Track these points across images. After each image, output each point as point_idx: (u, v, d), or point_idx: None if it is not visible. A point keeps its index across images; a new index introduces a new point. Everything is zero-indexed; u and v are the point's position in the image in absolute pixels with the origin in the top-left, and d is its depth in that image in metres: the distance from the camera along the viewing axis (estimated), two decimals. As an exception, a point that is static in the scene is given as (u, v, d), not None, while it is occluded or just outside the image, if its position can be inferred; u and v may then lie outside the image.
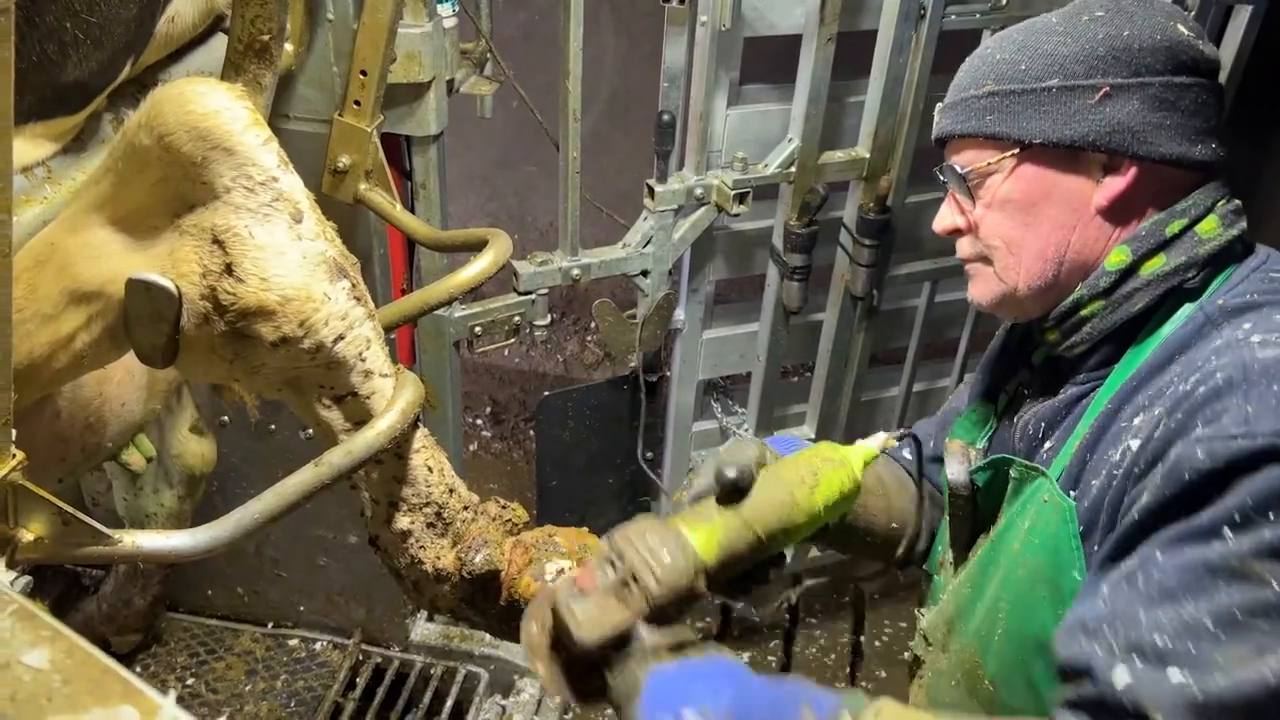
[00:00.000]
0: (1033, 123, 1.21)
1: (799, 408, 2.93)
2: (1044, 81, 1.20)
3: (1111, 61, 1.18)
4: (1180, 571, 0.98)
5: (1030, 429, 1.32)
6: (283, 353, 0.99)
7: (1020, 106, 1.21)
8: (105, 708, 0.49)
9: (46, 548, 0.94)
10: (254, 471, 2.40)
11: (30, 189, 1.15)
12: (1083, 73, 1.18)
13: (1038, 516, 1.21)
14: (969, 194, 1.29)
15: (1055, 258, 1.23)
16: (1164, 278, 1.18)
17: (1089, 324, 1.22)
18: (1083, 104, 1.18)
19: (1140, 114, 1.17)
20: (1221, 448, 0.97)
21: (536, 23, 3.76)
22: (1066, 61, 1.19)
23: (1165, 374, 1.12)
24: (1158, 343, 1.17)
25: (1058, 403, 1.29)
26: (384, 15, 1.67)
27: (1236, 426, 0.98)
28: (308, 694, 2.57)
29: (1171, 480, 1.00)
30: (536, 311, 2.35)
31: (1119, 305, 1.20)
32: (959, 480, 1.35)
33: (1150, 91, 1.17)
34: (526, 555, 1.20)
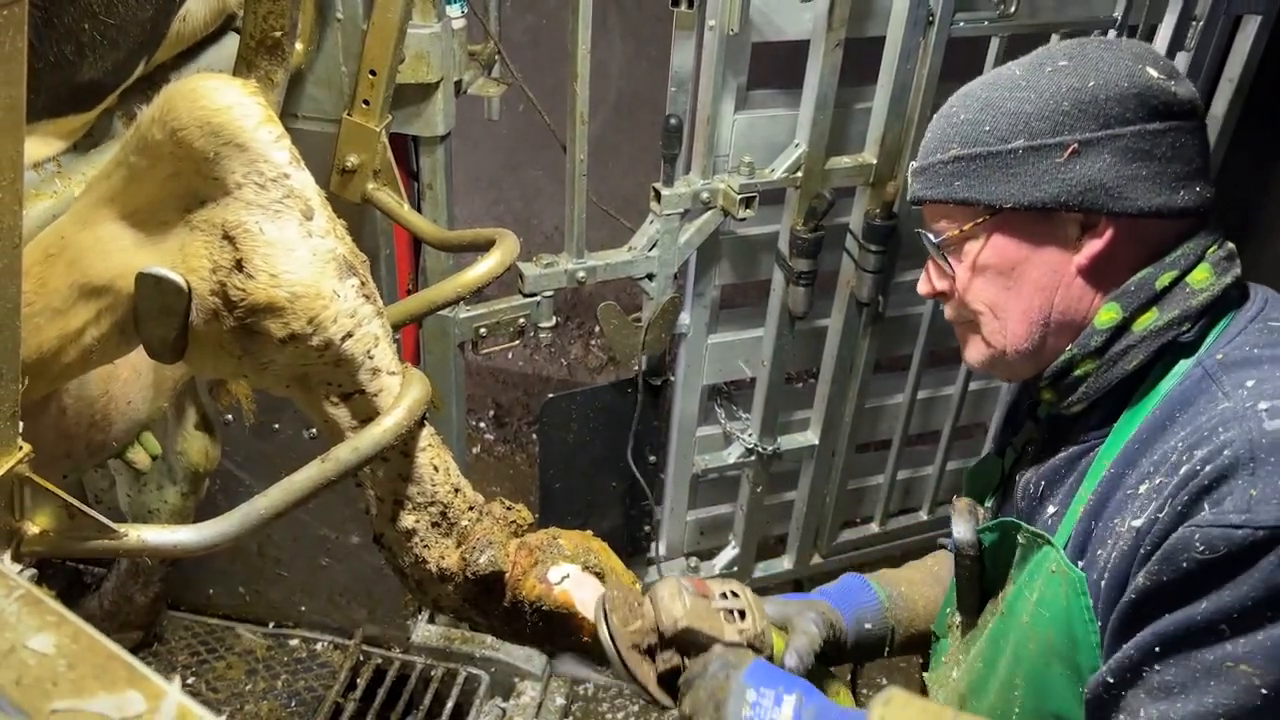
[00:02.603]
0: (1001, 187, 1.16)
1: (803, 414, 2.93)
2: (1009, 143, 1.16)
3: (1078, 116, 1.13)
4: (1179, 669, 0.98)
5: (1031, 488, 1.28)
6: (291, 349, 0.99)
7: (987, 170, 1.17)
8: (111, 693, 0.49)
9: (52, 541, 0.94)
10: (257, 470, 2.40)
11: (40, 183, 1.16)
12: (1048, 130, 1.14)
13: (1046, 588, 1.17)
14: (946, 260, 1.26)
15: (1040, 320, 1.20)
16: (1158, 333, 1.14)
17: (1084, 384, 1.19)
18: (1051, 164, 1.14)
19: (1113, 168, 1.12)
20: (1221, 538, 0.95)
21: (544, 27, 3.77)
22: (1031, 119, 1.15)
23: (1168, 436, 1.08)
24: (1157, 400, 1.13)
25: (1058, 461, 1.25)
26: (393, 15, 1.68)
27: (1238, 514, 0.95)
28: (308, 694, 2.57)
29: (1170, 566, 0.99)
30: (541, 313, 2.35)
31: (1113, 364, 1.16)
32: (964, 540, 1.31)
33: (1122, 143, 1.12)
34: (531, 557, 1.20)
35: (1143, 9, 2.44)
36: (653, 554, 2.98)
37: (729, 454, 2.84)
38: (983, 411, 3.15)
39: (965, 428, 3.16)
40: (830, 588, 1.55)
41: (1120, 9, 2.44)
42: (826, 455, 2.91)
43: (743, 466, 2.85)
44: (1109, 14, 2.46)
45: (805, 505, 2.99)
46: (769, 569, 3.11)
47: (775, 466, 2.87)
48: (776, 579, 3.15)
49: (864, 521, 3.24)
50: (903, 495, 3.21)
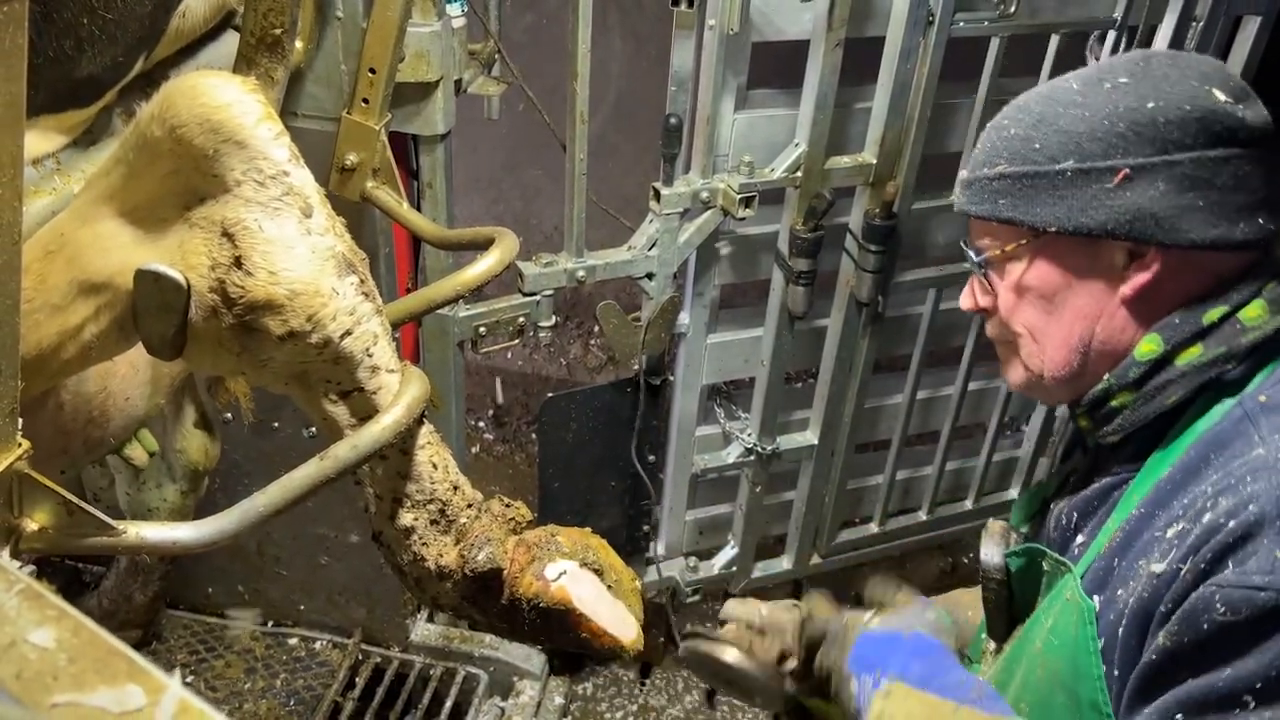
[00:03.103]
0: (1047, 209, 1.12)
1: (802, 413, 2.93)
2: (1058, 163, 1.10)
3: (1133, 139, 1.07)
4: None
5: (1063, 519, 1.25)
6: (290, 347, 0.99)
7: (1033, 190, 1.12)
8: (111, 687, 0.49)
9: (51, 538, 0.94)
10: (256, 469, 2.40)
11: (39, 180, 1.16)
12: (1100, 152, 1.08)
13: (1060, 615, 1.15)
14: (987, 277, 1.23)
15: (1080, 346, 1.16)
16: (1200, 369, 1.09)
17: (1120, 415, 1.15)
18: (1100, 188, 1.08)
19: (1166, 197, 1.06)
20: (1243, 600, 0.91)
21: (544, 26, 3.77)
22: (1083, 140, 1.09)
23: (1200, 479, 1.04)
24: (1193, 439, 1.08)
25: (1090, 493, 1.21)
26: (393, 13, 1.67)
27: (1262, 575, 0.91)
28: (307, 693, 2.57)
29: (1190, 627, 0.95)
30: (541, 313, 2.35)
31: (1151, 398, 1.12)
32: (991, 563, 1.29)
33: (1179, 170, 1.06)
34: (529, 554, 1.20)
35: (1143, 9, 2.44)
36: (651, 553, 2.98)
37: (728, 454, 2.84)
38: (982, 411, 3.15)
39: (965, 428, 3.16)
40: None
41: (1120, 9, 2.44)
42: (826, 455, 2.91)
43: (742, 466, 2.86)
44: (1109, 14, 2.46)
45: (804, 505, 3.00)
46: (768, 569, 3.11)
47: (774, 466, 2.87)
48: (775, 579, 3.15)
49: (863, 521, 3.24)
50: (902, 495, 3.21)
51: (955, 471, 3.20)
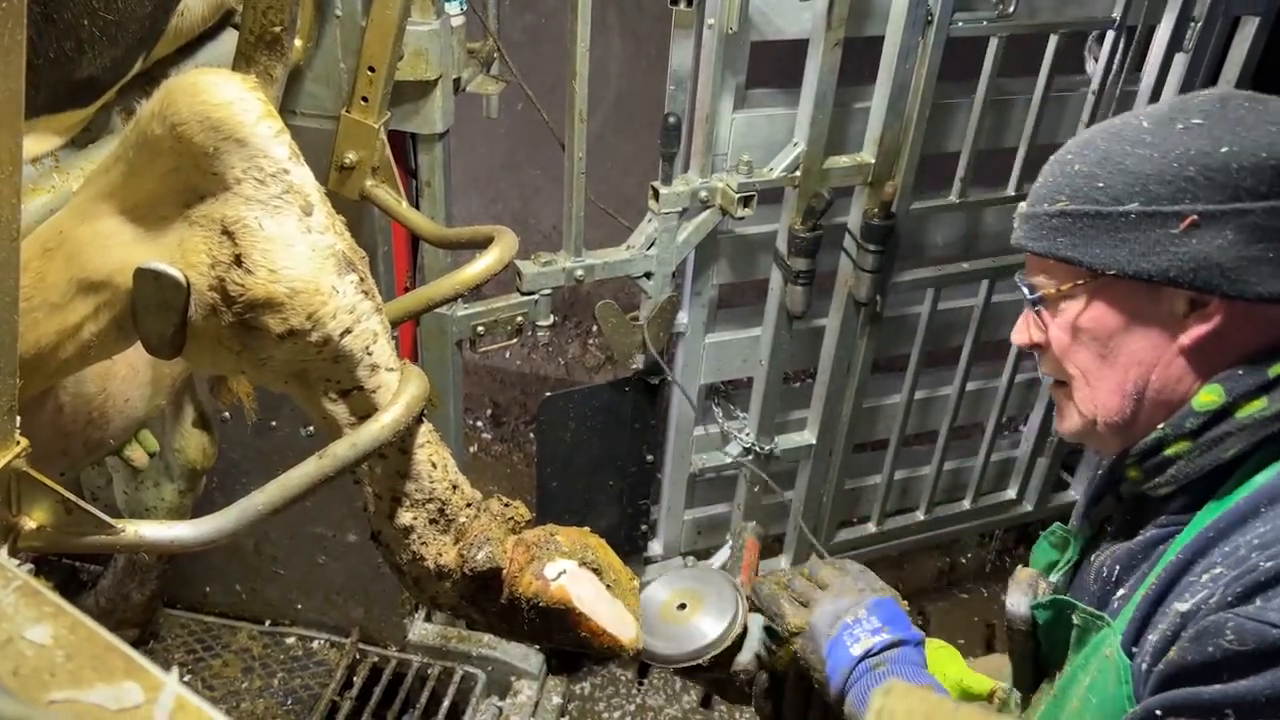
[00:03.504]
0: (1108, 251, 1.07)
1: (800, 413, 2.93)
2: (1122, 204, 1.06)
3: (1203, 184, 1.02)
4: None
5: (1105, 571, 1.20)
6: (290, 345, 0.99)
7: (1095, 231, 1.08)
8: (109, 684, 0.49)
9: (49, 536, 0.94)
10: (254, 468, 2.40)
11: (38, 178, 1.15)
12: (1167, 196, 1.03)
13: (1099, 673, 1.11)
14: (1040, 314, 1.19)
15: (1134, 394, 1.12)
16: (1263, 423, 1.04)
17: (1174, 466, 1.10)
18: (1164, 234, 1.04)
19: (1234, 247, 1.01)
20: (1254, 632, 0.90)
21: (542, 26, 3.77)
22: (1150, 182, 1.05)
23: (1246, 530, 1.01)
24: (1246, 492, 1.05)
25: (1135, 545, 1.16)
26: (392, 12, 1.67)
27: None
28: (304, 692, 2.57)
29: (1197, 647, 0.94)
30: (539, 312, 2.35)
31: (1207, 449, 1.07)
32: (1017, 614, 1.23)
33: (1250, 219, 1.01)
34: (528, 553, 1.20)
35: (1141, 10, 2.44)
36: (650, 553, 2.98)
37: (726, 453, 2.84)
38: (979, 412, 3.15)
39: (962, 428, 3.16)
40: None
41: (1119, 10, 2.45)
42: (824, 455, 2.91)
43: (740, 465, 2.86)
44: (1107, 14, 2.46)
45: (802, 505, 2.99)
46: (766, 569, 3.11)
47: (772, 466, 2.87)
48: (773, 578, 3.15)
49: (861, 521, 3.24)
50: (900, 495, 3.21)
51: (953, 471, 3.20)
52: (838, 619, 1.29)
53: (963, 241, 2.80)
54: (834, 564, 1.40)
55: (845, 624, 1.28)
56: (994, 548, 3.60)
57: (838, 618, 1.29)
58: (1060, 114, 2.68)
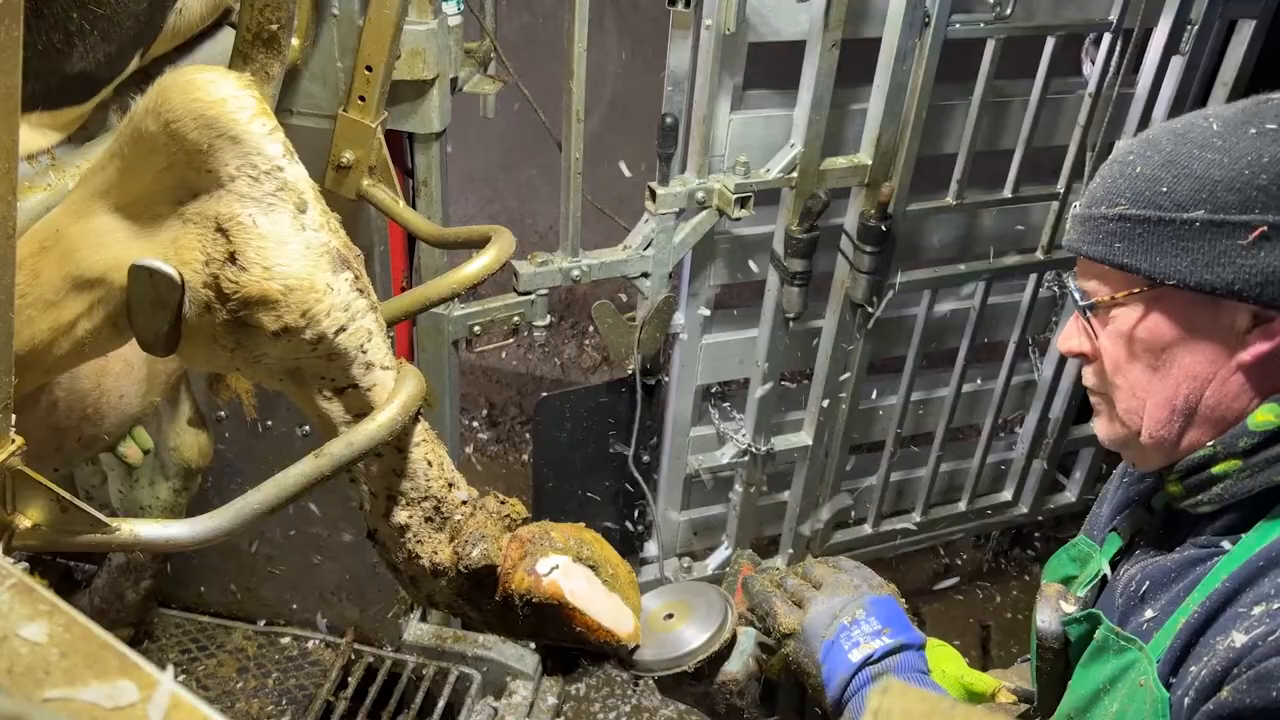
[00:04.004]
0: (1168, 259, 1.02)
1: (796, 414, 2.93)
2: (1187, 211, 1.00)
3: (1275, 194, 0.96)
4: None
5: (1134, 586, 1.14)
6: (284, 343, 0.99)
7: (1155, 238, 1.02)
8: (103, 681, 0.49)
9: (44, 535, 0.93)
10: (250, 467, 2.39)
11: (34, 175, 1.15)
12: (1236, 205, 0.98)
13: (1129, 701, 1.05)
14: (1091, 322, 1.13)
15: (1184, 409, 1.07)
16: None
17: (1220, 484, 1.05)
18: (1231, 244, 0.98)
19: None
20: None
21: (539, 26, 3.77)
22: (1218, 189, 0.99)
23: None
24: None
25: (1169, 563, 1.11)
26: (390, 11, 1.67)
27: None
28: (299, 692, 2.56)
29: (1258, 689, 0.89)
30: (536, 312, 2.35)
31: (1259, 471, 1.02)
32: (1049, 631, 1.17)
33: None
34: (522, 550, 1.20)
35: (1138, 13, 2.44)
36: (645, 554, 2.98)
37: (722, 454, 2.84)
38: (976, 414, 3.16)
39: (959, 430, 3.16)
40: None
41: (1115, 12, 2.45)
42: (820, 456, 2.92)
43: (736, 467, 2.85)
44: (1104, 17, 2.47)
45: (798, 506, 3.00)
46: (762, 569, 3.11)
47: (768, 467, 2.87)
48: (769, 579, 3.15)
49: (857, 523, 3.24)
50: (895, 497, 3.21)
51: (949, 473, 3.20)
52: (834, 619, 1.22)
53: (959, 243, 2.81)
54: (829, 562, 1.34)
55: (842, 625, 1.20)
56: (990, 549, 3.61)
57: (834, 618, 1.22)
58: (1057, 116, 2.68)
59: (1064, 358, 3.04)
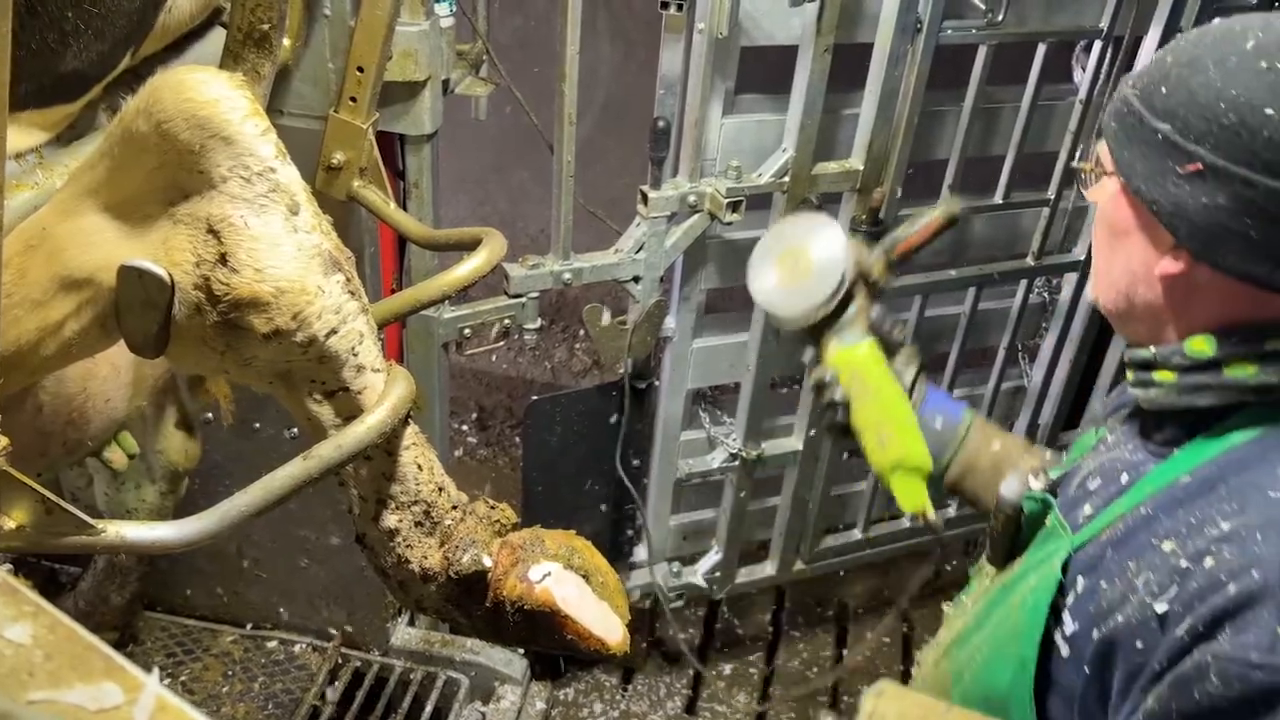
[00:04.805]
0: (1134, 161, 1.07)
1: (787, 419, 2.93)
2: (1159, 123, 1.03)
3: (1232, 137, 0.97)
4: None
5: (1089, 482, 1.21)
6: (275, 345, 0.98)
7: (1132, 137, 1.07)
8: (88, 684, 0.48)
9: (29, 536, 0.92)
10: (237, 470, 2.38)
11: (21, 174, 1.14)
12: (1195, 134, 0.99)
13: (1042, 579, 1.16)
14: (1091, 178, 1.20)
15: (1126, 294, 1.13)
16: (1246, 390, 1.04)
17: (1157, 389, 1.10)
18: (1170, 167, 1.01)
19: (1219, 212, 0.99)
20: (1238, 676, 0.90)
21: (532, 28, 3.77)
22: (1192, 112, 1.00)
23: (1210, 498, 1.02)
24: (1220, 448, 1.05)
25: (1117, 462, 1.18)
26: (382, 12, 1.67)
27: (1260, 653, 0.90)
28: (285, 697, 2.55)
29: (1182, 694, 0.94)
30: (527, 315, 2.34)
31: (1186, 392, 1.08)
32: (1006, 499, 1.26)
33: (1250, 194, 0.97)
34: (513, 556, 1.20)
35: (1128, 20, 2.46)
36: (635, 558, 2.97)
37: (713, 458, 2.84)
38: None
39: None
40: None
41: (1106, 19, 2.46)
42: (810, 461, 2.92)
43: (726, 471, 2.85)
44: (1095, 24, 2.48)
45: (789, 511, 3.00)
46: (751, 574, 3.11)
47: (759, 472, 2.87)
48: (759, 584, 3.15)
49: (847, 528, 3.24)
50: (886, 502, 3.21)
51: (939, 478, 3.20)
52: None
53: (950, 249, 2.81)
54: None
55: None
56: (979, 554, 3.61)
57: None
58: (1048, 122, 2.69)
59: (1054, 364, 3.05)
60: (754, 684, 3.17)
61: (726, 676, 3.19)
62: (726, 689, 3.15)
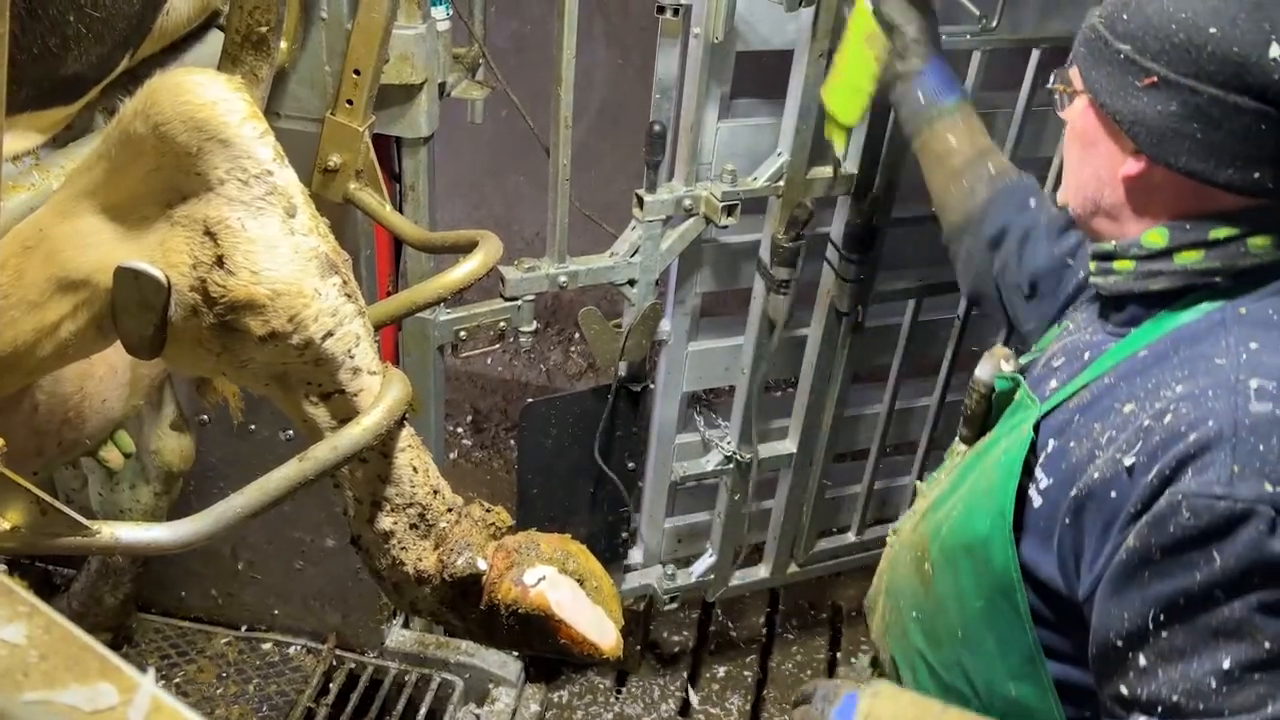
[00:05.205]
0: (1100, 79, 1.22)
1: (781, 422, 2.94)
2: (1121, 43, 1.19)
3: (1179, 53, 1.13)
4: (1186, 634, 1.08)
5: (1054, 361, 1.39)
6: (271, 347, 0.98)
7: (1098, 59, 1.23)
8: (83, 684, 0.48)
9: (23, 537, 0.92)
10: (232, 471, 2.38)
11: (18, 175, 1.15)
12: (1151, 51, 1.15)
13: (1013, 443, 1.31)
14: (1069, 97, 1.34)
15: (1093, 198, 1.29)
16: (1193, 273, 1.20)
17: (1116, 276, 1.27)
18: (1130, 82, 1.18)
19: (1171, 118, 1.15)
20: (1205, 508, 1.05)
21: (528, 32, 3.77)
22: (1149, 33, 1.16)
23: (1164, 367, 1.17)
24: (1174, 324, 1.21)
25: (1080, 343, 1.35)
26: (379, 15, 1.67)
27: (1221, 486, 1.05)
28: (280, 699, 2.55)
29: (1159, 531, 1.09)
30: (522, 318, 2.35)
31: (1142, 277, 1.24)
32: (981, 379, 1.43)
33: (1195, 100, 1.13)
34: (508, 559, 1.20)
35: (1122, 27, 2.46)
36: (630, 561, 2.98)
37: (707, 461, 2.84)
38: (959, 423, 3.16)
39: (942, 438, 3.17)
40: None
41: (1100, 26, 2.47)
42: (804, 464, 2.92)
43: (721, 474, 2.86)
44: (1088, 31, 2.49)
45: (783, 514, 3.00)
46: (745, 577, 3.11)
47: (753, 474, 2.88)
48: (753, 587, 3.15)
49: (841, 531, 3.24)
50: (880, 505, 3.22)
51: (933, 482, 3.21)
52: None
53: (944, 253, 2.82)
54: None
55: None
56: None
57: None
58: (1041, 128, 2.70)
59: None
60: (748, 687, 3.17)
61: (720, 679, 3.19)
62: (720, 691, 3.15)
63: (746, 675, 3.21)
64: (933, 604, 1.42)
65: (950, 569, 1.37)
